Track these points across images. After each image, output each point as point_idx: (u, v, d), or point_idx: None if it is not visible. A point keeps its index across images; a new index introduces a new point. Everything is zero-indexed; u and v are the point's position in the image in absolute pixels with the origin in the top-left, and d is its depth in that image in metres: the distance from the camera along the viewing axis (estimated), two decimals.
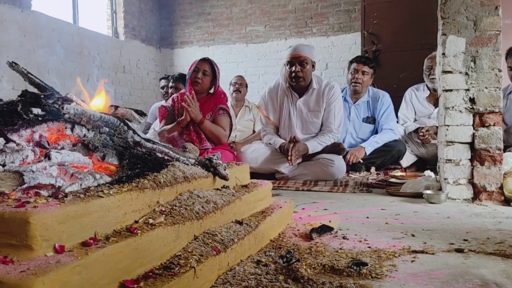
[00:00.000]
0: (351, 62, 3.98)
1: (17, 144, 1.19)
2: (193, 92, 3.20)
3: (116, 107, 1.55)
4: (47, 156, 1.12)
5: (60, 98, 1.46)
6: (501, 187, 2.27)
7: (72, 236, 0.91)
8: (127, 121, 1.47)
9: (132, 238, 0.97)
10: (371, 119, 3.90)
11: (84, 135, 1.33)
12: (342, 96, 3.77)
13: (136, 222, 1.08)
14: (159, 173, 1.26)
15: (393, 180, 3.06)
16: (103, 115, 1.38)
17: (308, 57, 3.35)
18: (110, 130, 1.39)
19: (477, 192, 2.30)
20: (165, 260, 1.06)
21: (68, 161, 1.18)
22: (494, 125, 2.29)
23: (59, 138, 1.31)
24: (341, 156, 3.37)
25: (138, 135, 1.45)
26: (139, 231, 1.01)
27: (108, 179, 1.16)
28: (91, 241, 0.92)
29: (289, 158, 3.15)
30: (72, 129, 1.31)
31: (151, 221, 1.09)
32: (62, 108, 1.33)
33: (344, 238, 1.62)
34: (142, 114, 1.59)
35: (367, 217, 2.00)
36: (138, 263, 0.97)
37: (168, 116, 3.34)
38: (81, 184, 1.08)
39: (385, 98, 3.89)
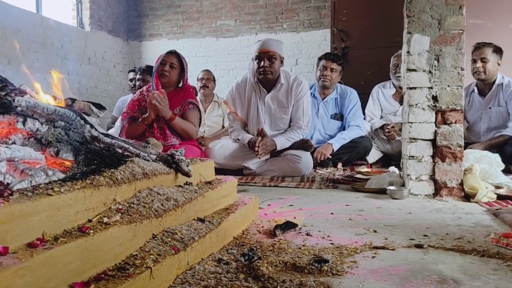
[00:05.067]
0: (320, 58, 4.00)
1: None
2: (162, 89, 3.11)
3: (73, 100, 1.49)
4: None
5: (14, 90, 1.39)
6: (461, 183, 2.33)
7: (17, 236, 0.86)
8: (84, 115, 1.41)
9: (83, 238, 0.93)
10: (339, 116, 3.94)
11: (37, 129, 1.26)
12: (311, 93, 3.79)
13: (90, 221, 1.03)
14: (116, 169, 1.21)
15: (359, 176, 3.10)
16: (58, 108, 1.31)
17: (277, 52, 3.33)
18: (65, 124, 1.33)
19: (438, 188, 2.35)
20: (120, 261, 1.01)
21: (18, 157, 1.12)
22: (455, 122, 2.34)
23: (10, 132, 1.24)
24: (308, 153, 3.38)
25: (96, 129, 1.39)
26: (91, 231, 0.97)
27: (62, 175, 1.11)
28: (38, 242, 0.87)
29: (256, 150, 3.14)
30: (24, 123, 1.24)
31: (105, 220, 1.04)
32: (14, 100, 1.26)
33: (307, 234, 1.61)
34: (101, 107, 1.53)
35: (332, 213, 2.01)
36: (90, 265, 0.93)
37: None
38: (31, 181, 1.02)
39: (353, 95, 3.94)
